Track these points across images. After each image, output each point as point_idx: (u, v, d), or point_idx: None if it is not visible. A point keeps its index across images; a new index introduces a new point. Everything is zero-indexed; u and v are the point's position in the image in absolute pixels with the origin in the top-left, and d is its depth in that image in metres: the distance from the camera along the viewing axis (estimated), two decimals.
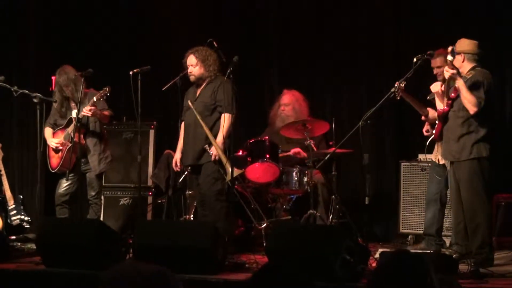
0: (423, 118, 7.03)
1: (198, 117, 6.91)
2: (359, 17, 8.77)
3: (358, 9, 8.77)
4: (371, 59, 8.72)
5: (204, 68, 6.94)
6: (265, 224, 7.03)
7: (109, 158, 7.54)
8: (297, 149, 7.79)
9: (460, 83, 6.16)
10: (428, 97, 7.06)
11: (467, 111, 6.19)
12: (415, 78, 6.74)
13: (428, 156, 7.37)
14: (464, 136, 6.25)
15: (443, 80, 6.95)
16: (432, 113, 6.90)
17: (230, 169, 6.52)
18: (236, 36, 8.50)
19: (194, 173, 7.14)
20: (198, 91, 7.05)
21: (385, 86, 7.27)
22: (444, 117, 6.39)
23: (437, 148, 7.07)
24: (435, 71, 7.02)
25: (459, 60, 6.30)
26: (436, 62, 6.91)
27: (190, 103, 6.99)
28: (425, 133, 7.13)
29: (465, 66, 6.34)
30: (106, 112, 7.35)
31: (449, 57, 6.09)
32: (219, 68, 6.97)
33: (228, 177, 6.61)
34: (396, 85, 6.45)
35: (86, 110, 7.04)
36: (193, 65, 6.95)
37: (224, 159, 6.70)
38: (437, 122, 6.47)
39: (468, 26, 7.81)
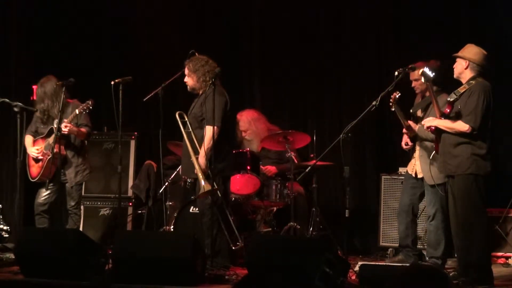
0: (404, 130, 7.02)
1: (184, 129, 6.78)
2: (341, 33, 8.87)
3: (341, 26, 8.87)
4: (352, 74, 8.78)
5: (196, 79, 6.76)
6: (240, 245, 6.92)
7: (87, 170, 7.44)
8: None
9: (440, 124, 6.01)
10: (411, 110, 7.07)
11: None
12: (402, 91, 6.77)
13: (405, 169, 7.34)
14: (458, 150, 5.96)
15: (421, 94, 6.99)
16: (413, 126, 6.90)
17: (203, 184, 6.40)
18: (218, 52, 8.50)
19: (193, 185, 6.98)
20: (193, 103, 6.89)
21: (366, 99, 7.29)
22: (438, 132, 6.15)
23: (414, 161, 7.05)
24: (413, 84, 6.99)
25: (461, 66, 6.09)
26: (414, 75, 6.84)
27: (184, 116, 6.85)
28: (404, 146, 7.07)
29: (466, 73, 6.07)
30: (83, 129, 7.25)
31: (422, 78, 6.03)
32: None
33: (201, 191, 6.46)
34: (379, 97, 6.48)
35: (63, 126, 6.98)
36: (187, 75, 6.82)
37: (200, 174, 6.48)
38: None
39: (450, 40, 7.85)
